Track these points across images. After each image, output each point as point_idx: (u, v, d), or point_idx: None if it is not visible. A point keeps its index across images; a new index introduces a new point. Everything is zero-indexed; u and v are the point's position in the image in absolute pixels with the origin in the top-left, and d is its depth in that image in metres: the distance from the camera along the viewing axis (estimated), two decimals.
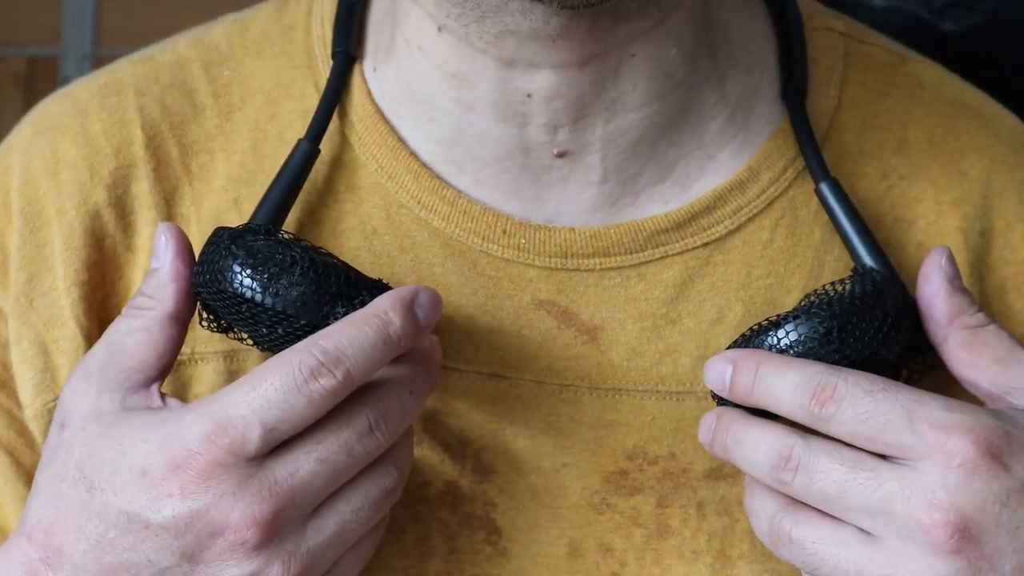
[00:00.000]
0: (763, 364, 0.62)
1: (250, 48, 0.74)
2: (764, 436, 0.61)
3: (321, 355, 0.59)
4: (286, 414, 0.59)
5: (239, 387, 0.60)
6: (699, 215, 0.70)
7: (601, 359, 0.69)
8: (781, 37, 0.74)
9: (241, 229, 0.64)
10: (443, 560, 0.68)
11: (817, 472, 0.60)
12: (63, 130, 0.73)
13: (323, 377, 0.59)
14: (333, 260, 0.64)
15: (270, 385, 0.59)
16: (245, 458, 0.59)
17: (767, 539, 0.62)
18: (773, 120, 0.72)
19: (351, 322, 0.61)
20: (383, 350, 0.61)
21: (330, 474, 0.60)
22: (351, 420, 0.61)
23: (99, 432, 0.62)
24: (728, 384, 0.63)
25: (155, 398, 0.64)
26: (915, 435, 0.59)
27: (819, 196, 0.69)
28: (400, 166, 0.70)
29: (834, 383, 0.60)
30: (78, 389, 0.64)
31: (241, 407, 0.59)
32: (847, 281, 0.65)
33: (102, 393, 0.63)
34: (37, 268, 0.71)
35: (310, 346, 0.60)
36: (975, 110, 0.75)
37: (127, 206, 0.71)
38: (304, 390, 0.59)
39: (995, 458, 0.58)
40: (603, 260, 0.69)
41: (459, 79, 0.68)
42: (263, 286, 0.62)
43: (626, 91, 0.68)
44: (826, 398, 0.60)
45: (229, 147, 0.72)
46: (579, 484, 0.69)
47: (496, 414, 0.69)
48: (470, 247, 0.69)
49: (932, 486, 0.58)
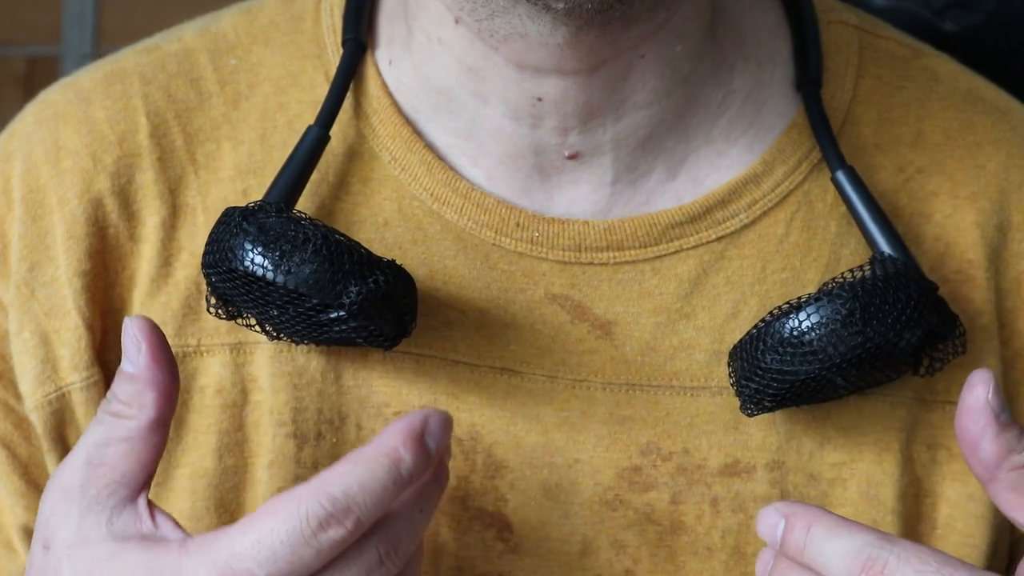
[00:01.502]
0: (815, 525, 0.59)
1: (258, 37, 0.73)
2: None
3: (330, 504, 0.57)
4: (294, 567, 0.57)
5: (243, 535, 0.57)
6: (714, 208, 0.69)
7: (615, 354, 0.68)
8: (795, 30, 0.74)
9: (253, 207, 0.63)
10: (454, 556, 0.68)
11: None
12: (66, 118, 0.72)
13: (332, 528, 0.57)
14: (346, 239, 0.63)
15: (276, 538, 0.56)
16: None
17: None
18: (787, 114, 0.72)
19: (359, 461, 0.58)
20: (394, 491, 0.58)
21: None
22: (361, 556, 0.58)
23: (88, 565, 0.60)
24: (779, 541, 0.60)
25: (144, 518, 0.61)
26: None
27: (836, 184, 0.69)
28: (414, 158, 0.70)
29: (885, 558, 0.57)
30: (59, 511, 0.61)
31: (246, 560, 0.57)
32: (866, 266, 0.65)
33: (86, 516, 0.61)
34: (39, 257, 0.70)
35: (318, 495, 0.57)
36: (991, 104, 0.75)
37: (131, 195, 0.71)
38: (312, 542, 0.56)
39: None
40: (617, 254, 0.69)
41: (475, 73, 0.68)
42: (275, 263, 0.61)
43: (635, 91, 0.67)
44: (876, 574, 0.57)
45: (236, 136, 0.71)
46: (592, 480, 0.68)
47: (508, 409, 0.68)
48: (483, 240, 0.69)
49: None
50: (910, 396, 0.69)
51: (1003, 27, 0.94)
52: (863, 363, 0.64)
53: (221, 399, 0.69)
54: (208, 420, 0.69)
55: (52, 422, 0.70)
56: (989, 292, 0.70)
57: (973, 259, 0.71)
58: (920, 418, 0.69)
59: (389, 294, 0.63)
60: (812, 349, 0.63)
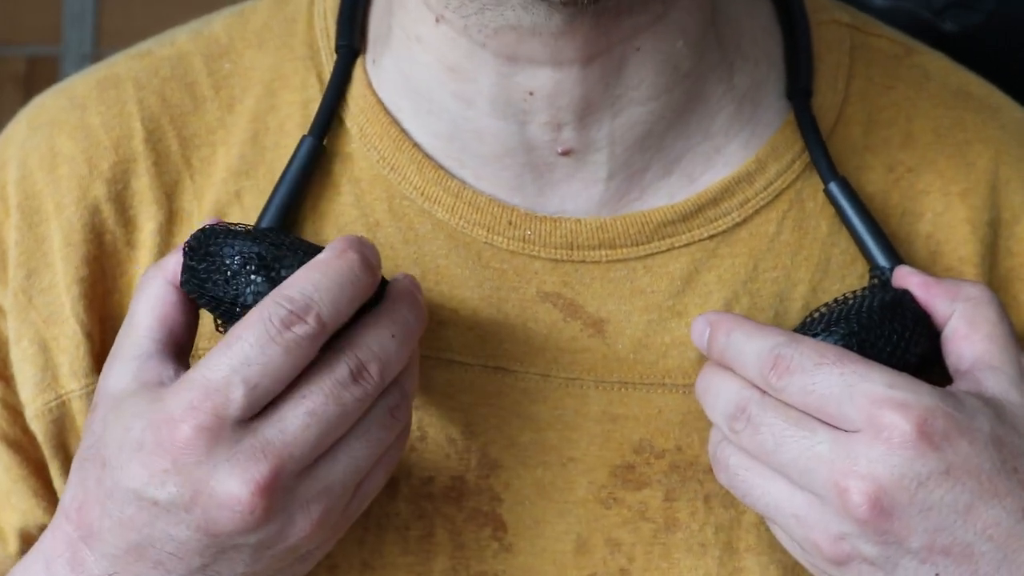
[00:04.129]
0: (734, 330, 0.64)
1: (251, 40, 0.73)
2: (727, 386, 0.64)
3: (288, 304, 0.59)
4: (266, 368, 0.59)
5: (216, 351, 0.59)
6: (706, 207, 0.70)
7: (607, 352, 0.69)
8: (787, 34, 0.74)
9: (197, 236, 0.64)
10: (448, 556, 0.68)
11: (761, 426, 0.62)
12: (60, 125, 0.72)
13: (295, 325, 0.59)
14: (295, 250, 0.63)
15: (245, 342, 0.59)
16: (231, 421, 0.59)
17: (712, 462, 0.65)
18: (781, 113, 0.72)
19: (312, 266, 0.61)
20: (350, 289, 0.60)
21: (321, 425, 0.60)
22: (332, 369, 0.60)
23: (111, 409, 0.62)
24: (706, 343, 0.65)
25: (168, 370, 0.63)
26: (854, 407, 0.60)
27: (829, 196, 0.69)
28: (403, 157, 0.70)
29: (789, 355, 0.62)
30: (105, 371, 0.64)
31: (220, 369, 0.59)
32: (865, 292, 0.66)
33: (120, 369, 0.63)
34: (36, 264, 0.70)
35: (276, 297, 0.60)
36: (981, 101, 0.75)
37: (127, 201, 0.71)
38: (279, 340, 0.59)
39: (926, 437, 0.59)
40: (609, 252, 0.69)
41: (457, 73, 0.67)
42: (223, 289, 0.62)
43: (632, 86, 0.67)
44: (782, 370, 0.62)
45: (229, 139, 0.71)
46: (586, 478, 0.68)
47: (502, 408, 0.68)
48: (475, 239, 0.69)
49: (857, 455, 0.60)
50: None
51: (1003, 27, 0.94)
52: None
53: None
54: None
55: (53, 430, 0.70)
56: None
57: (964, 256, 0.71)
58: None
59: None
60: None
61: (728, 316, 0.65)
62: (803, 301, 0.69)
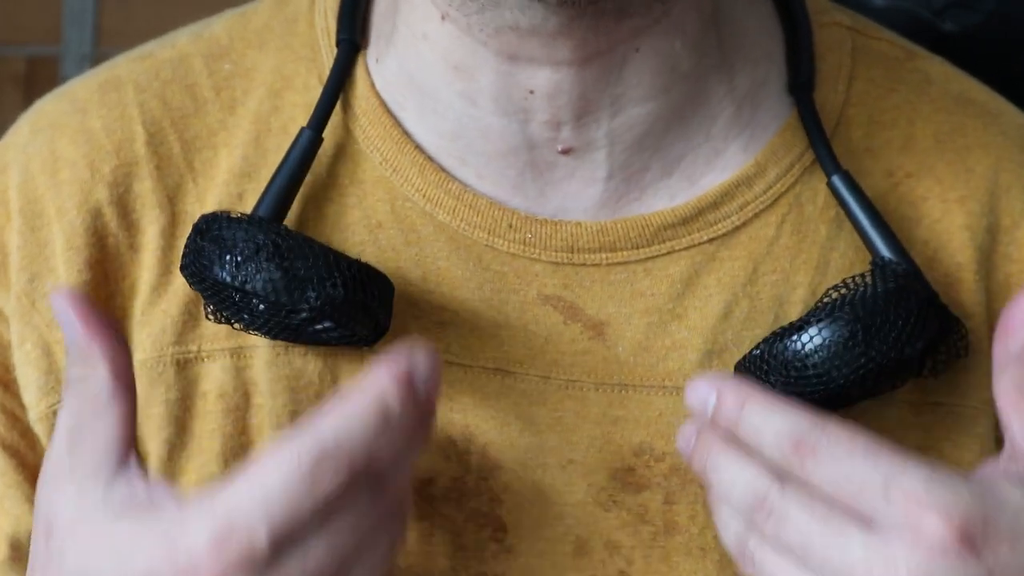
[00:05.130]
0: (749, 403, 0.61)
1: (252, 41, 0.73)
2: (743, 473, 0.61)
3: (321, 451, 0.58)
4: (292, 515, 0.58)
5: (239, 487, 0.58)
6: (706, 210, 0.70)
7: (607, 354, 0.69)
8: (788, 32, 0.74)
9: (207, 218, 0.64)
10: (448, 557, 0.68)
11: (787, 521, 0.59)
12: (62, 128, 0.72)
13: (326, 473, 0.58)
14: (306, 244, 0.63)
15: (272, 487, 0.57)
16: (255, 562, 0.58)
17: (732, 551, 0.62)
18: (781, 115, 0.72)
19: (348, 410, 0.59)
20: (384, 437, 0.59)
21: (339, 555, 0.59)
22: (355, 503, 0.59)
23: (90, 536, 0.61)
24: (711, 412, 0.62)
25: (138, 484, 0.62)
26: (889, 504, 0.57)
27: (832, 188, 0.69)
28: (405, 159, 0.70)
29: (815, 439, 0.59)
30: (56, 496, 0.62)
31: (244, 513, 0.57)
32: (867, 276, 0.65)
33: (82, 494, 0.62)
34: (38, 268, 0.70)
35: (309, 442, 0.58)
36: (982, 107, 0.75)
37: (129, 204, 0.71)
38: (308, 488, 0.57)
39: (967, 543, 0.57)
40: (609, 255, 0.69)
41: (461, 71, 0.68)
42: (232, 274, 0.62)
43: (631, 86, 0.67)
44: (806, 453, 0.59)
45: (231, 141, 0.71)
46: (585, 481, 0.68)
47: (502, 410, 0.68)
48: (476, 241, 0.69)
49: (896, 560, 0.57)
50: (899, 398, 0.69)
51: (1003, 27, 0.94)
52: (867, 381, 0.65)
53: (224, 404, 0.69)
54: (212, 425, 0.69)
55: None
56: (979, 294, 0.71)
57: (962, 262, 0.71)
58: (910, 420, 0.70)
59: (350, 297, 0.64)
60: (816, 372, 0.64)
61: (737, 385, 0.62)
62: (802, 304, 0.69)
